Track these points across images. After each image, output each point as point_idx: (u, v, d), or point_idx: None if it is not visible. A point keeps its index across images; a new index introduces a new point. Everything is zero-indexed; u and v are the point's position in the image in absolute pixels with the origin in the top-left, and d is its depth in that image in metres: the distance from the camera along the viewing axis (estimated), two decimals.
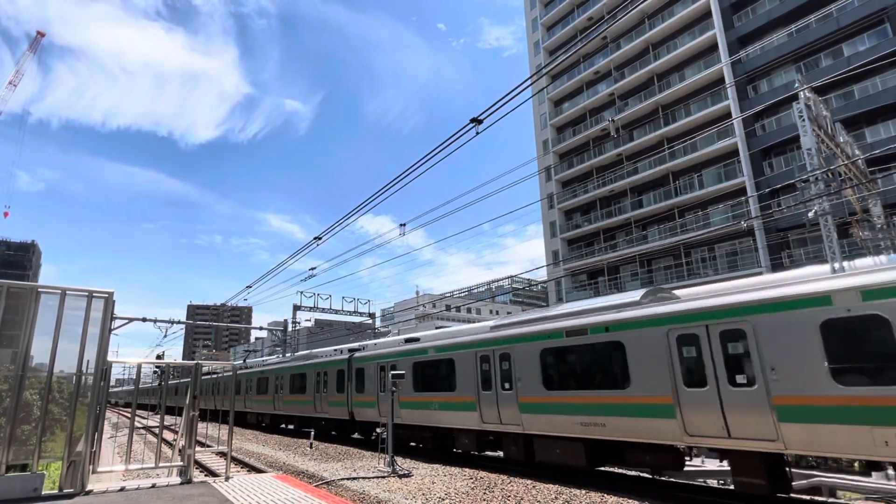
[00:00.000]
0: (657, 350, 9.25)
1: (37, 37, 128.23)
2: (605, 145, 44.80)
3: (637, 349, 9.60)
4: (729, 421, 8.13)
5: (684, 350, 8.93)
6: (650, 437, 9.17)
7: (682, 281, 34.89)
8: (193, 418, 9.24)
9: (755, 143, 34.39)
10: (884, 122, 29.21)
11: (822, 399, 7.19)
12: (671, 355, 9.06)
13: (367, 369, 17.99)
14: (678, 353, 8.99)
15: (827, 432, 7.11)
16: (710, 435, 8.34)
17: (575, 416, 10.43)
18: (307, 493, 8.09)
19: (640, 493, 9.34)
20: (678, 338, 9.04)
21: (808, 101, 16.42)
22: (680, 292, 12.75)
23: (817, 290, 7.54)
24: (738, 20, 37.52)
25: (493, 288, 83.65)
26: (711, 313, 8.66)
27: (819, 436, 7.19)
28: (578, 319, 11.13)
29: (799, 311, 7.58)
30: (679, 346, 9.00)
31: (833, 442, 7.07)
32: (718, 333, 8.51)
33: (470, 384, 13.24)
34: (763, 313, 7.97)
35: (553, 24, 52.89)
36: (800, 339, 7.52)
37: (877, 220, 19.05)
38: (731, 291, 9.23)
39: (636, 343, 9.63)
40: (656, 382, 9.13)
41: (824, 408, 7.16)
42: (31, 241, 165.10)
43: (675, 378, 8.92)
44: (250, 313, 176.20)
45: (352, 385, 18.73)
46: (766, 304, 7.99)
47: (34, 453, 7.50)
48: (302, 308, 36.34)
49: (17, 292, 7.86)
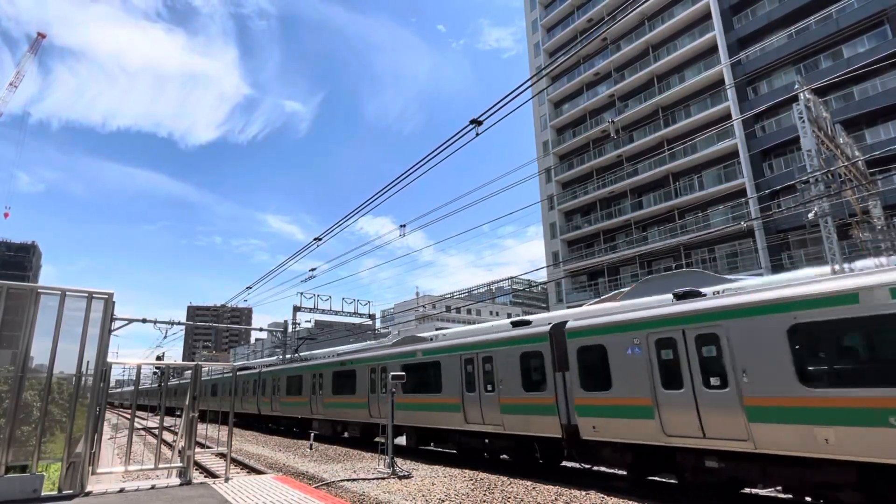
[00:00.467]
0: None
1: (37, 38, 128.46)
2: (605, 146, 44.83)
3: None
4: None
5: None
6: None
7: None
8: (193, 419, 9.23)
9: (755, 145, 34.42)
10: (884, 124, 29.24)
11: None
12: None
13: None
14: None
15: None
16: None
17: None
18: (307, 495, 8.08)
19: (642, 495, 9.33)
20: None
21: (807, 103, 16.42)
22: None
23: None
24: (738, 22, 37.57)
25: (493, 289, 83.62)
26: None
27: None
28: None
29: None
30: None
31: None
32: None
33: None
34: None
35: (553, 25, 52.95)
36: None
37: (877, 222, 19.04)
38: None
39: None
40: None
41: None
42: (31, 242, 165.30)
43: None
44: (250, 314, 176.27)
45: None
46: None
47: (34, 454, 7.49)
48: (302, 309, 36.28)
49: (17, 293, 7.86)
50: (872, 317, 6.77)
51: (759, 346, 7.82)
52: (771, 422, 7.51)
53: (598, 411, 10.01)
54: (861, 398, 6.72)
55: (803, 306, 7.41)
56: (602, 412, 9.92)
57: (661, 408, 8.96)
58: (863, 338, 7.01)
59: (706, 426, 8.33)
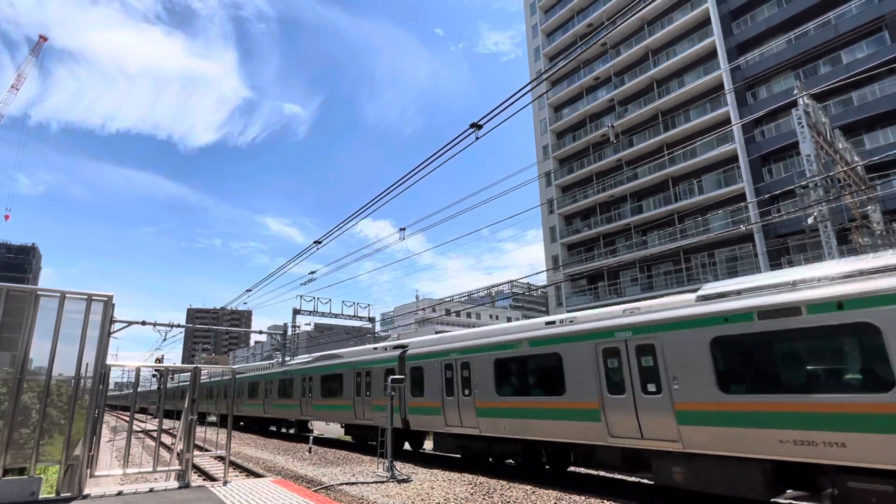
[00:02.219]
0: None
1: (39, 41, 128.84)
2: (605, 151, 44.92)
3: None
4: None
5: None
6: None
7: (681, 286, 34.87)
8: (192, 422, 9.22)
9: (754, 149, 34.50)
10: (882, 129, 29.32)
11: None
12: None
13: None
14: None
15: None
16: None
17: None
18: (305, 498, 8.06)
19: (642, 498, 9.32)
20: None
21: (807, 108, 16.48)
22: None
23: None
24: (738, 27, 37.71)
25: (492, 292, 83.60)
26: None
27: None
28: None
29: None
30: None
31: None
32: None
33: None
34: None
35: (553, 30, 53.14)
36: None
37: (876, 227, 19.07)
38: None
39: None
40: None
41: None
42: (31, 244, 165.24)
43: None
44: (250, 317, 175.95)
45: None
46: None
47: (32, 457, 7.47)
48: (302, 312, 36.24)
49: (17, 295, 7.86)
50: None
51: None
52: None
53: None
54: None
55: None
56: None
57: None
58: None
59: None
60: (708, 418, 8.06)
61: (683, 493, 9.87)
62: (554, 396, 10.77)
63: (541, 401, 11.07)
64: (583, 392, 10.13)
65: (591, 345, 10.19)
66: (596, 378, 9.93)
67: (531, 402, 11.31)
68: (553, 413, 10.72)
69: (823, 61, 32.57)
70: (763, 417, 7.45)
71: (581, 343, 10.40)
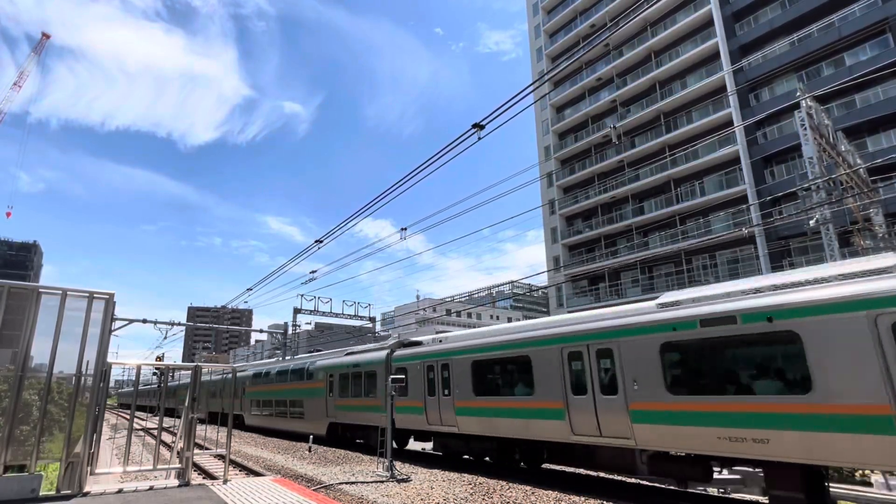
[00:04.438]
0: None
1: (41, 39, 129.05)
2: (607, 152, 44.87)
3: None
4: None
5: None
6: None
7: (683, 288, 34.82)
8: (192, 421, 9.23)
9: (757, 151, 34.44)
10: (885, 132, 29.26)
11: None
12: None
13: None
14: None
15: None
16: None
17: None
18: (305, 497, 8.06)
19: (642, 498, 9.30)
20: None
21: (809, 110, 16.46)
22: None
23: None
24: (741, 29, 37.66)
25: (493, 293, 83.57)
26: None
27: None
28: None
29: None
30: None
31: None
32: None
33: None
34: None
35: (555, 31, 53.10)
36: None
37: (878, 229, 19.03)
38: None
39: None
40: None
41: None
42: (32, 242, 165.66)
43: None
44: (251, 316, 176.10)
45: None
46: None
47: (32, 454, 7.48)
48: (302, 311, 36.25)
49: (18, 293, 7.87)
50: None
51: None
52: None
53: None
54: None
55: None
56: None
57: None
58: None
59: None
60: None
61: (684, 494, 9.86)
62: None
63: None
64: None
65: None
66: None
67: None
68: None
69: (826, 63, 32.51)
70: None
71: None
